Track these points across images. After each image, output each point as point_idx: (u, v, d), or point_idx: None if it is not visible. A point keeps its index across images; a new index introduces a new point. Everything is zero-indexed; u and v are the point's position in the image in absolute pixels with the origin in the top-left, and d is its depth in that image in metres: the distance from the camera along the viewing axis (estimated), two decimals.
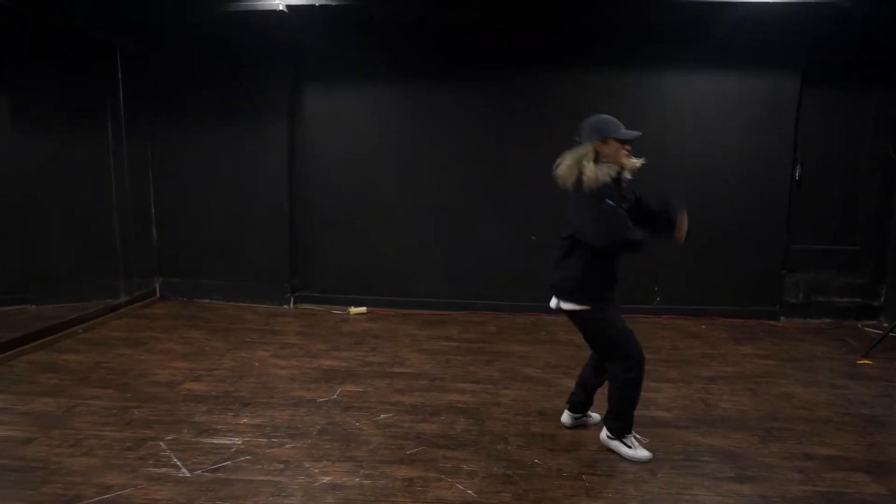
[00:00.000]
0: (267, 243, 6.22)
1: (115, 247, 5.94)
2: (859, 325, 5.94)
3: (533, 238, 6.11)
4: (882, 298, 6.05)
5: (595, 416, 3.57)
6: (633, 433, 3.20)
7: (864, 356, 4.95)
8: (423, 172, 6.14)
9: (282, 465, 2.99)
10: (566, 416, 3.54)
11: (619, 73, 5.88)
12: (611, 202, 2.91)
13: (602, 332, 3.14)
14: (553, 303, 3.22)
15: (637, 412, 3.66)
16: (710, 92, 5.81)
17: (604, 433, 3.24)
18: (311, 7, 5.22)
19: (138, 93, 6.02)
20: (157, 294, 6.36)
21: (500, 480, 2.90)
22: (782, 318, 6.11)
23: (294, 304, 6.30)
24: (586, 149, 3.01)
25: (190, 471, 2.90)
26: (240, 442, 3.21)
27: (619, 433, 3.17)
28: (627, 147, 3.02)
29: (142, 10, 5.43)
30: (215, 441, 3.21)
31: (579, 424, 3.52)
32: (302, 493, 2.75)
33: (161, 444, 3.16)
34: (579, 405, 3.50)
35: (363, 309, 6.13)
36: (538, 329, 5.66)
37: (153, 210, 6.30)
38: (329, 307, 6.22)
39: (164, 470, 2.90)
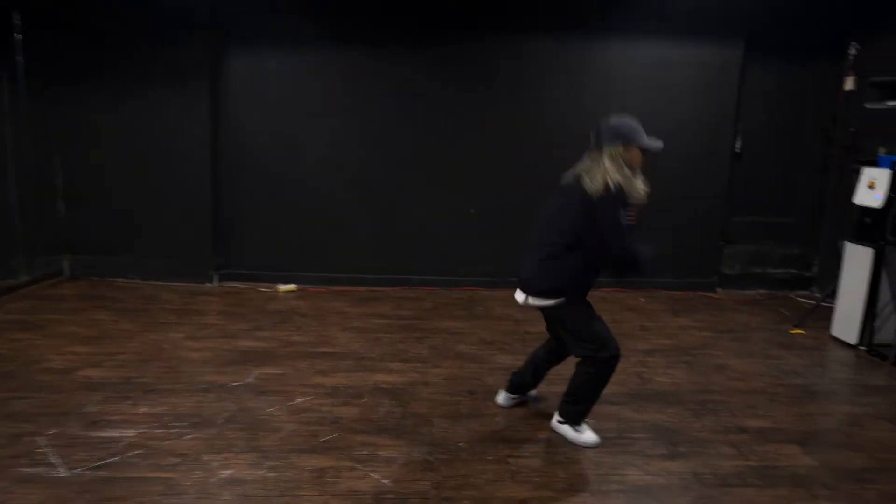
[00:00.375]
0: (188, 217, 5.78)
1: (14, 222, 5.41)
2: (793, 296, 5.97)
3: (472, 211, 5.89)
4: (815, 269, 6.10)
5: (533, 393, 3.38)
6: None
7: (797, 326, 4.95)
8: (356, 142, 5.79)
9: (177, 460, 2.69)
10: (502, 397, 3.34)
11: (561, 40, 5.65)
12: (624, 213, 2.75)
13: (580, 322, 2.88)
14: (521, 298, 2.97)
15: None
16: (653, 60, 5.65)
17: (556, 417, 3.03)
18: None
19: (42, 54, 5.46)
20: (66, 273, 5.86)
21: (420, 467, 2.68)
22: (719, 289, 6.09)
23: (218, 282, 5.92)
24: (613, 151, 2.74)
25: (69, 469, 2.57)
26: (133, 434, 2.88)
27: (576, 418, 2.96)
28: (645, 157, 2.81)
29: None
30: (105, 434, 2.88)
31: (517, 404, 3.33)
32: (195, 490, 2.47)
33: (40, 439, 2.81)
34: (522, 386, 3.30)
35: (293, 286, 5.80)
36: (475, 304, 5.46)
37: (59, 182, 5.77)
38: (256, 285, 5.86)
39: (37, 470, 2.56)
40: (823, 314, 4.95)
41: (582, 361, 2.89)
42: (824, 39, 5.64)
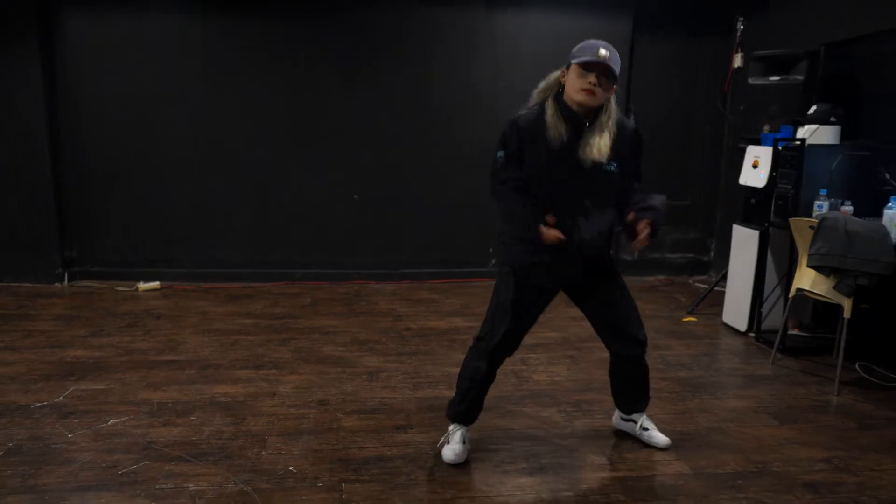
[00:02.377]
0: (27, 206, 5.07)
1: None
2: (690, 281, 5.85)
3: (355, 197, 5.44)
4: (711, 253, 6.00)
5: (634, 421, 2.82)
6: (464, 432, 2.59)
7: (690, 313, 4.78)
8: (226, 120, 5.23)
9: None
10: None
11: (448, 9, 5.26)
12: (502, 154, 2.34)
13: (494, 295, 2.52)
14: None
15: (438, 391, 3.17)
16: (542, 32, 5.33)
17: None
18: None
19: None
20: None
21: (232, 500, 2.24)
22: None
23: (69, 280, 5.24)
24: (550, 77, 2.34)
25: None
26: None
27: (448, 411, 2.62)
28: (590, 79, 2.18)
29: None
30: None
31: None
32: None
33: None
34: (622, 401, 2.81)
35: (156, 284, 5.19)
36: (360, 299, 5.03)
37: None
38: (115, 283, 5.22)
39: None
40: (718, 300, 4.80)
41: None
42: (713, 15, 5.47)
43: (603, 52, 2.19)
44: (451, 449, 2.54)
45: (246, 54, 5.15)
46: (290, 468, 2.47)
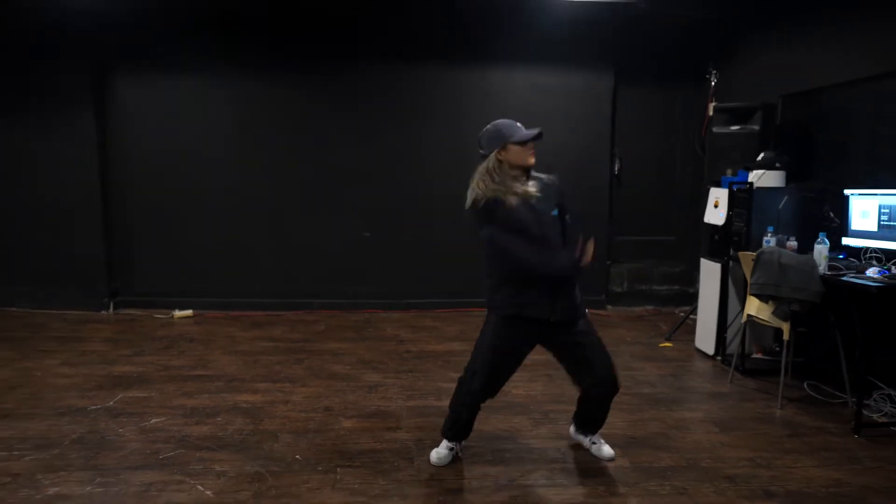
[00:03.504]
0: (80, 244, 5.79)
1: None
2: (676, 311, 6.30)
3: (366, 234, 6.06)
4: (697, 285, 6.44)
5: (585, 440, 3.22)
6: (453, 444, 3.01)
7: (667, 339, 5.24)
8: (252, 166, 5.93)
9: (8, 479, 2.74)
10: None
11: (443, 68, 5.96)
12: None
13: (482, 338, 2.90)
14: None
15: (427, 402, 3.69)
16: (531, 88, 5.98)
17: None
18: None
19: None
20: None
21: (248, 479, 2.80)
22: (609, 306, 6.39)
23: (114, 309, 5.92)
24: (491, 160, 2.75)
25: None
26: None
27: (443, 430, 3.03)
28: (531, 147, 2.76)
29: None
30: None
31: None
32: None
33: None
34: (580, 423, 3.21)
35: (189, 312, 5.84)
36: (369, 326, 5.60)
37: None
38: (153, 311, 5.88)
39: None
40: (695, 327, 5.25)
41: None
42: (688, 67, 6.06)
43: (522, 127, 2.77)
44: (437, 452, 3.01)
45: (269, 113, 5.88)
46: (297, 457, 3.02)
